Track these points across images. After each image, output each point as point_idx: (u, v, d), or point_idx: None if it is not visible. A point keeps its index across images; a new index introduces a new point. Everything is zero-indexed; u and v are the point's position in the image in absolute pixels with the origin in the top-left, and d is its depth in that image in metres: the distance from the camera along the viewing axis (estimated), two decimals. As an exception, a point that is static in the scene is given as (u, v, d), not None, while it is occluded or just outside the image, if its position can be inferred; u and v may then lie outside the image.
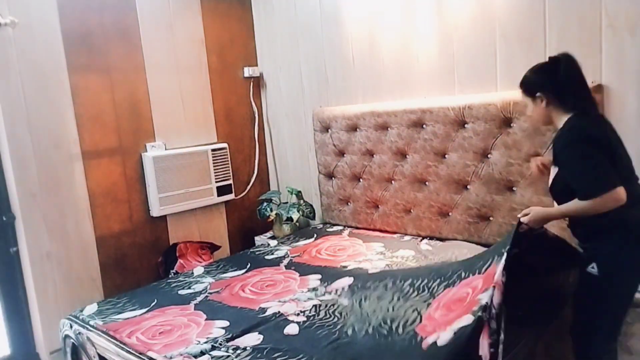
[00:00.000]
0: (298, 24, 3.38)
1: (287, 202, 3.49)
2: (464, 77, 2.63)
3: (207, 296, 2.27)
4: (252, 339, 1.81)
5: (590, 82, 2.17)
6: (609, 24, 2.13)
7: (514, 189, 2.45)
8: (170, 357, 1.74)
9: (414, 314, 1.77)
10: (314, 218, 3.45)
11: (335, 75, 3.24)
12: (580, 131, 1.67)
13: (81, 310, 2.21)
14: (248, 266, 2.61)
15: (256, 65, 3.70)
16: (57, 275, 2.66)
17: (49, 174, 2.63)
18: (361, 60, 3.07)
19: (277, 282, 2.36)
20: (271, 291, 2.25)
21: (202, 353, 1.74)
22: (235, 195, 3.54)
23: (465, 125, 2.56)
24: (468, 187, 2.62)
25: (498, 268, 1.54)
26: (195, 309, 2.14)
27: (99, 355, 1.98)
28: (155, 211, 3.04)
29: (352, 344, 1.72)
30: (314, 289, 2.21)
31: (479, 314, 1.46)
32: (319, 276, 2.35)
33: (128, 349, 1.84)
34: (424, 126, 2.72)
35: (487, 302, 1.46)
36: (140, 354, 1.78)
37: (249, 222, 3.67)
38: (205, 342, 1.81)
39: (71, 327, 2.12)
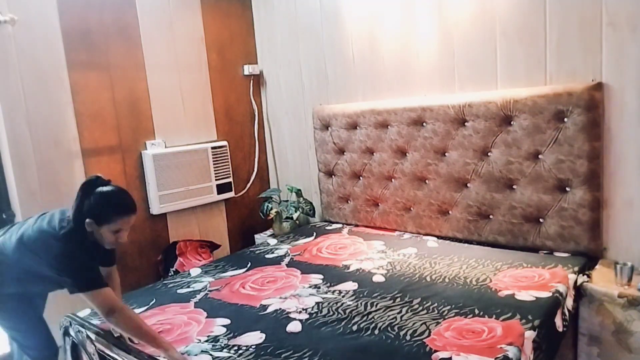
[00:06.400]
0: (298, 22, 3.37)
1: (287, 200, 3.49)
2: (464, 75, 2.63)
3: (207, 294, 2.27)
4: (254, 338, 1.81)
5: (591, 80, 2.19)
6: (609, 22, 2.12)
7: (514, 187, 2.45)
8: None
9: (423, 327, 1.77)
10: (313, 215, 3.45)
11: (336, 73, 3.23)
12: None
13: (75, 314, 2.14)
14: (248, 265, 2.60)
15: (256, 63, 3.69)
16: (57, 273, 2.66)
17: (49, 171, 2.63)
18: (361, 58, 3.07)
19: (278, 278, 2.36)
20: (272, 287, 2.26)
21: (203, 352, 1.74)
22: (235, 193, 3.54)
23: (466, 124, 2.55)
24: (468, 185, 2.62)
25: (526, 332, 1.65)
26: (195, 307, 2.13)
27: (99, 354, 1.98)
28: (155, 209, 3.04)
29: (358, 338, 1.73)
30: (316, 286, 2.22)
31: None
32: (321, 276, 2.35)
33: (127, 350, 1.83)
34: (424, 124, 2.72)
35: None
36: (139, 352, 1.78)
37: (249, 219, 3.67)
38: (206, 341, 1.81)
39: (70, 325, 2.11)
